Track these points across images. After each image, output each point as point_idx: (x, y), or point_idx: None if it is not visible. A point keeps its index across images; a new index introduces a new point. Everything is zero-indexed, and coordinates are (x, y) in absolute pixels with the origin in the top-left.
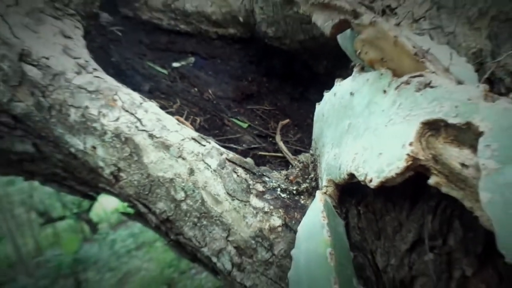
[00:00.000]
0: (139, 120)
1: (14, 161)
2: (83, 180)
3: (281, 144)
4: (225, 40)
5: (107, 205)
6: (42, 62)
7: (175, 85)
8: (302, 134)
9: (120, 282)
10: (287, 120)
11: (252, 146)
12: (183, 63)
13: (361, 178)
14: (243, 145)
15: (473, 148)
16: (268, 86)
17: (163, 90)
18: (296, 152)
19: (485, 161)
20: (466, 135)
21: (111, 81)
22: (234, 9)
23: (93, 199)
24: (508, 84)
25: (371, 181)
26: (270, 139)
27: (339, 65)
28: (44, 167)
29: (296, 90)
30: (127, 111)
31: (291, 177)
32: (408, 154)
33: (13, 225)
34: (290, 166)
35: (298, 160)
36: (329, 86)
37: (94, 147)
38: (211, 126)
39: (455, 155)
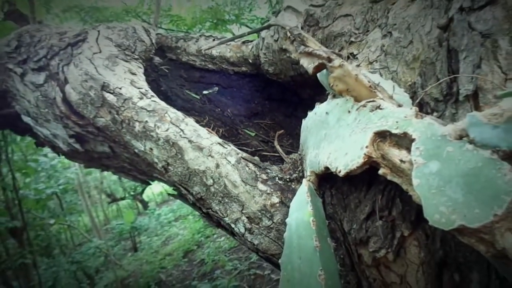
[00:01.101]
0: (182, 130)
1: (95, 158)
2: (143, 171)
3: (278, 147)
4: (239, 75)
5: (154, 189)
6: (117, 90)
7: (205, 106)
8: (293, 141)
9: (163, 243)
10: (282, 131)
11: (258, 148)
12: (210, 91)
13: (333, 170)
14: (252, 148)
15: (408, 149)
16: (269, 107)
17: (196, 110)
18: (288, 153)
19: (416, 158)
20: (403, 141)
21: (162, 104)
22: (245, 54)
23: (148, 184)
24: (432, 106)
25: (340, 172)
26: (270, 144)
27: (318, 93)
28: (116, 162)
29: (288, 110)
30: (173, 124)
31: (284, 170)
32: (365, 154)
33: (89, 203)
34: (284, 162)
35: (290, 158)
36: (311, 107)
37: (151, 149)
38: (229, 135)
39: (396, 154)
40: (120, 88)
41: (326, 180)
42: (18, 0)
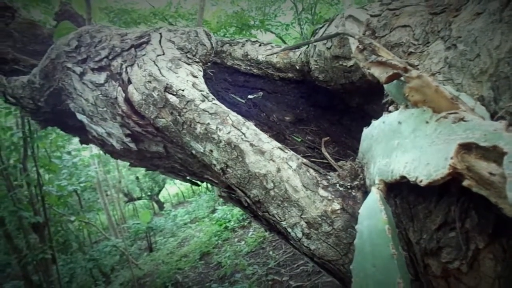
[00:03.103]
0: (243, 134)
1: (147, 157)
2: (193, 172)
3: (326, 154)
4: (284, 81)
5: (170, 190)
6: (179, 92)
7: (250, 111)
8: (339, 148)
9: (179, 244)
10: (328, 138)
11: (306, 154)
12: (255, 95)
13: (412, 180)
14: (300, 153)
15: (497, 162)
16: (314, 113)
17: (243, 114)
18: (336, 160)
19: (510, 171)
20: (491, 154)
21: (224, 107)
22: (293, 60)
23: (197, 185)
24: (509, 120)
25: (421, 181)
26: (317, 150)
27: (368, 101)
28: (167, 162)
29: (334, 117)
30: (235, 127)
31: (342, 176)
32: (449, 165)
33: (107, 201)
34: (339, 168)
35: (340, 166)
36: (359, 115)
37: (211, 150)
38: (276, 139)
39: (484, 167)
40: (183, 90)
41: (389, 189)
42: (74, 0)
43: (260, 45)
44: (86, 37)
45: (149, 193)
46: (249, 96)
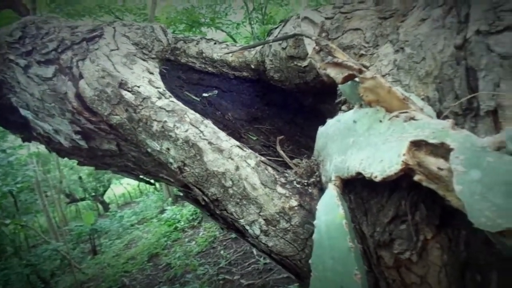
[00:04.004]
0: (201, 132)
1: (98, 155)
2: (147, 171)
3: (281, 152)
4: (239, 80)
5: (116, 190)
6: (135, 89)
7: (206, 109)
8: (293, 146)
9: (126, 246)
10: (282, 136)
11: (261, 153)
12: (210, 94)
13: (367, 176)
14: (256, 151)
15: (444, 158)
16: (269, 112)
17: (198, 111)
18: (291, 158)
19: (456, 166)
20: (439, 150)
21: (181, 105)
22: (248, 59)
23: (151, 184)
24: (453, 119)
25: (376, 177)
26: (272, 148)
27: (321, 101)
28: (119, 161)
29: (288, 116)
30: (193, 125)
31: (299, 174)
32: (402, 161)
33: (47, 203)
34: (294, 166)
35: (296, 164)
36: (313, 115)
37: (168, 149)
38: (232, 137)
39: (433, 162)
40: (139, 87)
41: (344, 185)
42: None
43: (215, 43)
44: (31, 28)
45: (93, 194)
46: (204, 94)
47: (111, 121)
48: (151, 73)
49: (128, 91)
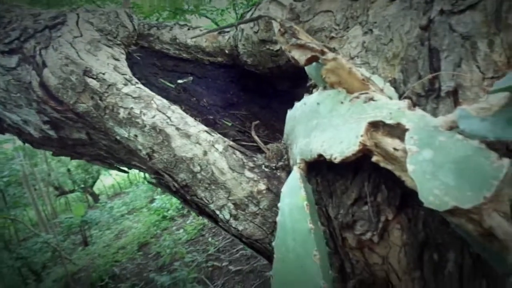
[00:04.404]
0: (169, 117)
1: (69, 145)
2: (120, 159)
3: (255, 137)
4: (214, 65)
5: (106, 181)
6: (100, 76)
7: (180, 95)
8: (268, 131)
9: (116, 237)
10: (257, 121)
11: (236, 138)
12: (185, 80)
13: (327, 157)
14: (230, 137)
15: (400, 139)
16: (244, 98)
17: (172, 99)
18: (265, 143)
19: (410, 146)
20: (395, 131)
21: (148, 91)
22: (222, 44)
23: (125, 172)
24: (414, 101)
25: (335, 159)
26: (247, 134)
27: (296, 85)
28: (91, 150)
29: (264, 101)
30: (160, 111)
31: (269, 158)
32: (360, 142)
33: (35, 196)
34: (266, 150)
35: (268, 148)
36: (288, 99)
37: (136, 135)
38: (206, 124)
39: (389, 143)
40: (104, 74)
41: (311, 168)
42: None
43: (188, 29)
44: None
45: (82, 186)
46: (179, 81)
47: (78, 109)
48: (117, 59)
49: (93, 78)
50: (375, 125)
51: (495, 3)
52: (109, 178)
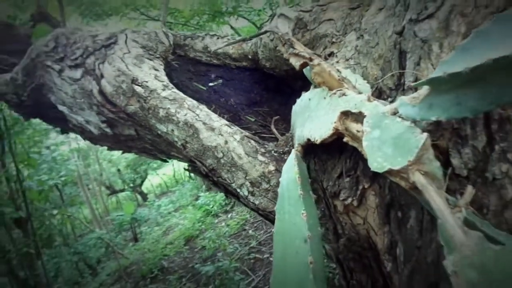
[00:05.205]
0: (197, 115)
1: (122, 140)
2: (162, 150)
3: (274, 130)
4: (240, 69)
5: (153, 181)
6: (144, 84)
7: (211, 96)
8: (287, 125)
9: (164, 233)
10: (277, 117)
11: (258, 131)
12: (215, 83)
13: (312, 140)
14: (252, 131)
15: (361, 123)
16: (266, 97)
17: (204, 99)
18: (282, 135)
19: (365, 128)
20: (359, 117)
21: (181, 94)
22: (246, 51)
23: (166, 161)
24: (388, 94)
25: (316, 140)
26: (268, 127)
27: (307, 84)
28: (139, 143)
29: (283, 99)
30: (190, 110)
31: (279, 145)
32: (333, 127)
33: (89, 195)
34: (280, 139)
35: (282, 138)
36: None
37: (172, 130)
38: (233, 120)
39: (354, 126)
40: (147, 82)
41: (311, 152)
42: (49, 5)
43: (218, 38)
44: (62, 39)
45: (131, 185)
46: (210, 84)
47: (128, 110)
48: (157, 70)
49: (139, 85)
50: (345, 114)
51: (446, 13)
52: (156, 178)
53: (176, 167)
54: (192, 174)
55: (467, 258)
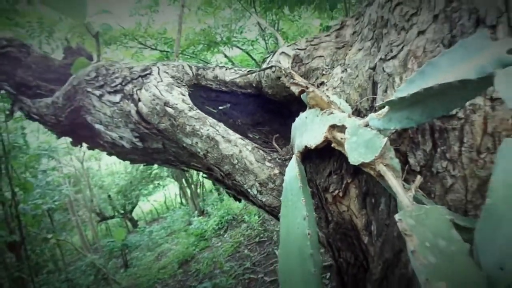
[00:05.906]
0: (217, 130)
1: (149, 153)
2: (183, 161)
3: (275, 145)
4: (245, 95)
5: (143, 207)
6: (174, 105)
7: (221, 118)
8: (285, 141)
9: (156, 258)
10: (277, 135)
11: (262, 146)
12: (224, 107)
13: (308, 146)
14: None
15: (344, 132)
16: (268, 118)
17: (216, 120)
18: (281, 148)
19: (346, 135)
20: (343, 129)
21: (203, 114)
22: (250, 80)
23: (185, 171)
24: (365, 113)
25: (311, 146)
26: (270, 143)
27: (302, 107)
28: (163, 156)
29: (282, 120)
30: (212, 126)
31: (282, 154)
32: (324, 136)
33: (79, 221)
34: (281, 151)
35: (284, 149)
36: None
37: (196, 142)
38: None
39: (340, 135)
40: (176, 104)
41: (307, 158)
42: (86, 41)
43: (226, 69)
44: (102, 70)
45: (121, 211)
46: (220, 107)
47: (159, 127)
48: (183, 95)
49: (170, 107)
50: (333, 127)
51: (405, 55)
52: (147, 204)
53: (167, 193)
54: (183, 200)
55: (408, 212)
